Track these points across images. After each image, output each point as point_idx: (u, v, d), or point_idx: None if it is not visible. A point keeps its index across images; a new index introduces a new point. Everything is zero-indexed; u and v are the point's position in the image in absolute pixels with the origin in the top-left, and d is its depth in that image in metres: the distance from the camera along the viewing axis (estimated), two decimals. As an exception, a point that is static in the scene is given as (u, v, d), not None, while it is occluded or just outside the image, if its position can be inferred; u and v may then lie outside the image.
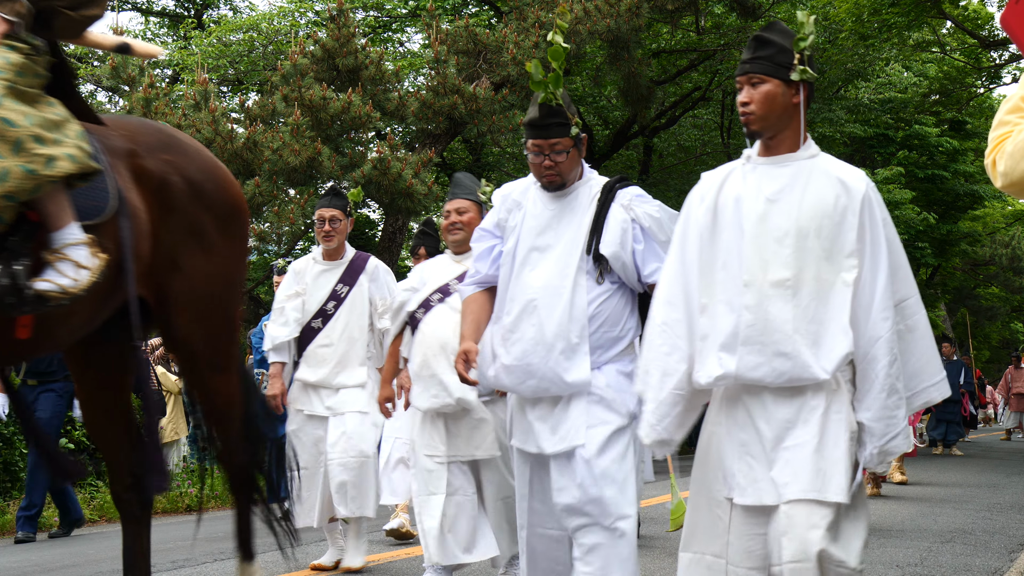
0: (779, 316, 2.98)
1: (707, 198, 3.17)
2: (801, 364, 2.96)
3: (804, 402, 2.99)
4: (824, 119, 18.99)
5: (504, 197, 3.88)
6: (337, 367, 5.82)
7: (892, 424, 2.99)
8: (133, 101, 11.89)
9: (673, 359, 3.14)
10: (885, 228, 3.04)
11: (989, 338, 37.60)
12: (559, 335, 3.59)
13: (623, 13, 13.76)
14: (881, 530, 7.43)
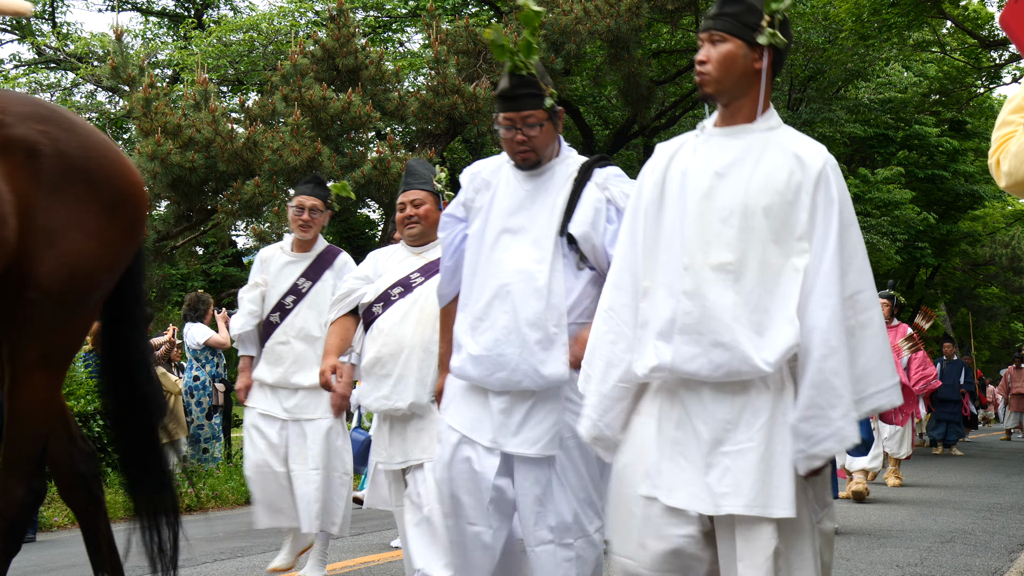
0: (719, 303, 2.67)
1: (656, 171, 2.86)
2: (740, 355, 2.64)
3: (748, 401, 2.68)
4: (824, 119, 19.00)
5: (472, 176, 3.62)
6: (294, 366, 5.38)
7: (821, 425, 2.64)
8: (133, 101, 11.89)
9: (618, 348, 2.83)
10: (841, 211, 2.69)
11: (989, 338, 37.60)
12: (535, 323, 3.32)
13: (623, 13, 13.76)
14: (881, 530, 7.43)
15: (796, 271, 2.67)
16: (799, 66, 19.01)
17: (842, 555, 6.25)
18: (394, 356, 4.38)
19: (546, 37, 13.51)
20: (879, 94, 21.46)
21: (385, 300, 4.48)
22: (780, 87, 19.78)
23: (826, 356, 2.62)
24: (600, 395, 2.86)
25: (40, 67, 23.03)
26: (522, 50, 3.35)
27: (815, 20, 18.61)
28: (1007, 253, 32.79)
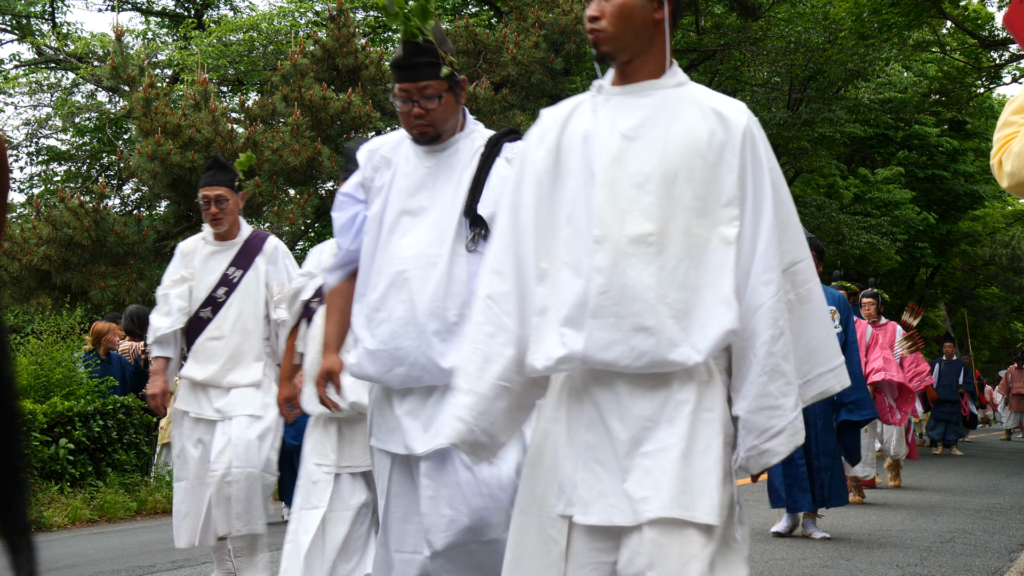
0: (639, 281, 2.32)
1: (548, 138, 2.49)
2: (667, 342, 2.30)
3: (669, 395, 2.34)
4: (824, 119, 19.00)
5: (370, 153, 3.28)
6: (229, 363, 5.00)
7: (775, 416, 2.35)
8: (133, 101, 11.89)
9: (498, 342, 2.46)
10: (771, 173, 2.40)
11: (989, 338, 37.60)
12: (433, 313, 3.05)
13: (623, 13, 13.74)
14: (881, 530, 7.43)
15: (726, 243, 2.35)
16: (799, 66, 19.00)
17: (842, 555, 6.25)
18: None
19: (546, 37, 13.52)
20: (879, 94, 21.46)
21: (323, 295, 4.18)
22: (780, 87, 19.79)
23: (775, 338, 2.34)
24: (476, 395, 2.47)
25: (40, 67, 23.03)
26: (416, 15, 3.06)
27: (815, 20, 18.62)
28: (1007, 253, 32.79)
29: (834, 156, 22.43)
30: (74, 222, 11.50)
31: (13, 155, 22.41)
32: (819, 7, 18.88)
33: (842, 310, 7.00)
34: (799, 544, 6.70)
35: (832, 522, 7.81)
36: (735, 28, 17.95)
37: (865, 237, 20.99)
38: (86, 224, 11.42)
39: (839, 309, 6.97)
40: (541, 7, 13.81)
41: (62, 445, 8.74)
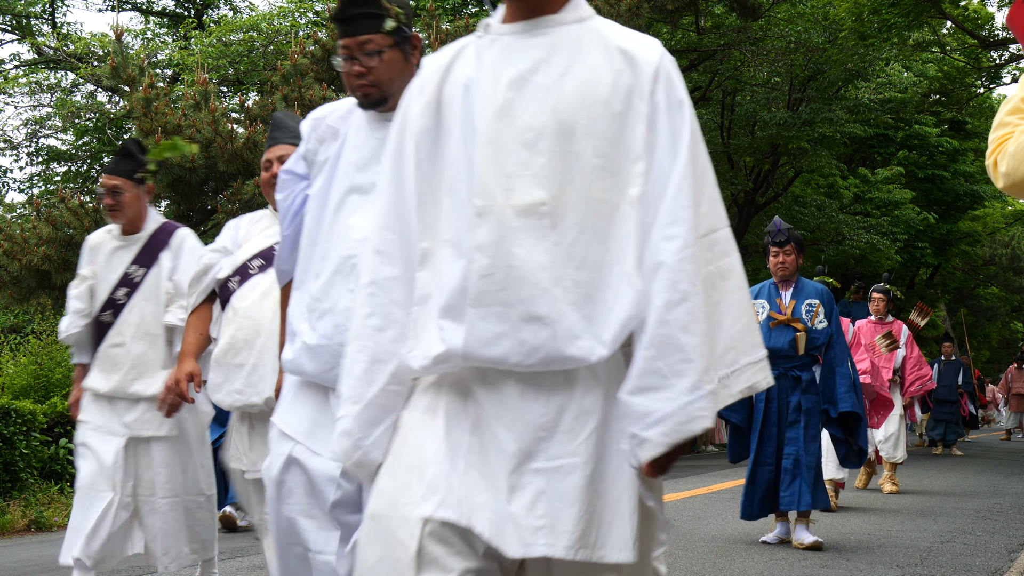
0: (530, 260, 1.92)
1: (428, 90, 2.09)
2: (564, 333, 1.91)
3: (570, 399, 1.95)
4: (824, 119, 19.00)
5: (315, 122, 2.92)
6: (132, 372, 4.50)
7: (660, 399, 1.90)
8: (133, 101, 11.89)
9: (387, 337, 2.06)
10: (688, 120, 1.99)
11: (989, 338, 37.62)
12: None
13: (623, 13, 13.75)
14: (881, 530, 7.43)
15: (631, 206, 1.95)
16: (799, 66, 19.01)
17: (842, 555, 6.25)
18: (249, 342, 3.82)
19: (546, 37, 13.51)
20: (879, 94, 21.47)
21: (243, 274, 3.86)
22: (780, 87, 19.79)
23: (672, 304, 1.90)
24: (364, 403, 2.07)
25: (40, 67, 23.03)
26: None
27: (815, 20, 18.62)
28: (1007, 253, 32.81)
29: (834, 156, 22.43)
30: (74, 222, 11.51)
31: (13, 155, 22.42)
32: (819, 7, 18.88)
33: (826, 304, 6.73)
34: (799, 544, 6.70)
35: (832, 522, 7.80)
36: (735, 28, 17.94)
37: (865, 237, 20.99)
38: (86, 224, 11.43)
39: (823, 303, 6.70)
40: (541, 7, 13.82)
41: (62, 445, 8.74)
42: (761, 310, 6.69)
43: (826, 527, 7.51)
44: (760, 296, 6.76)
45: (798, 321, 6.61)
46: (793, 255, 6.76)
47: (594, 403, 1.96)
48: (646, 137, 1.97)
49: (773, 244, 6.81)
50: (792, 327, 6.61)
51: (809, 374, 6.61)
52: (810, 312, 6.65)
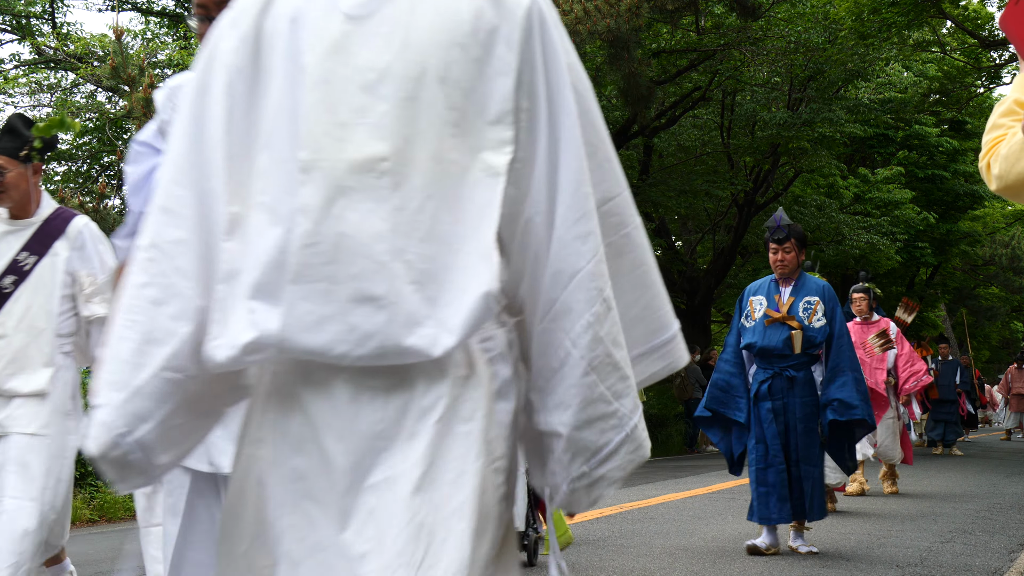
0: (365, 228, 1.55)
1: (243, 23, 1.69)
2: (404, 318, 1.54)
3: (411, 400, 1.58)
4: (824, 119, 19.01)
5: (171, 91, 2.64)
6: (10, 367, 4.14)
7: (611, 429, 1.65)
8: (133, 101, 11.89)
9: (166, 313, 1.65)
10: (572, 75, 1.67)
11: (989, 338, 37.65)
12: None
13: (623, 13, 13.76)
14: (881, 530, 7.43)
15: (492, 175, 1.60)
16: (799, 66, 19.01)
17: (842, 555, 6.25)
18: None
19: (546, 37, 13.52)
20: (879, 94, 21.48)
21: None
22: (780, 87, 19.80)
23: (601, 317, 1.62)
24: (130, 390, 1.64)
25: (40, 67, 23.03)
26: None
27: (815, 20, 18.63)
28: (1007, 253, 32.83)
29: (834, 156, 22.44)
30: (74, 222, 11.52)
31: (13, 155, 22.41)
32: (819, 7, 18.89)
33: (827, 301, 6.44)
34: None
35: (832, 522, 7.81)
36: (735, 28, 17.94)
37: (865, 237, 21.00)
38: (86, 224, 11.42)
39: (823, 300, 6.43)
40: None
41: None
42: (759, 306, 6.49)
43: (826, 527, 7.51)
44: (759, 292, 6.57)
45: (794, 319, 6.38)
46: (793, 252, 6.50)
47: (435, 398, 1.58)
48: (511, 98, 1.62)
49: (773, 240, 6.55)
50: (787, 325, 6.38)
51: (805, 374, 6.36)
52: (808, 310, 6.41)
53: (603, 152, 1.70)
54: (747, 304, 6.58)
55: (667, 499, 9.66)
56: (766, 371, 6.38)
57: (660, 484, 10.94)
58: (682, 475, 11.86)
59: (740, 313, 6.62)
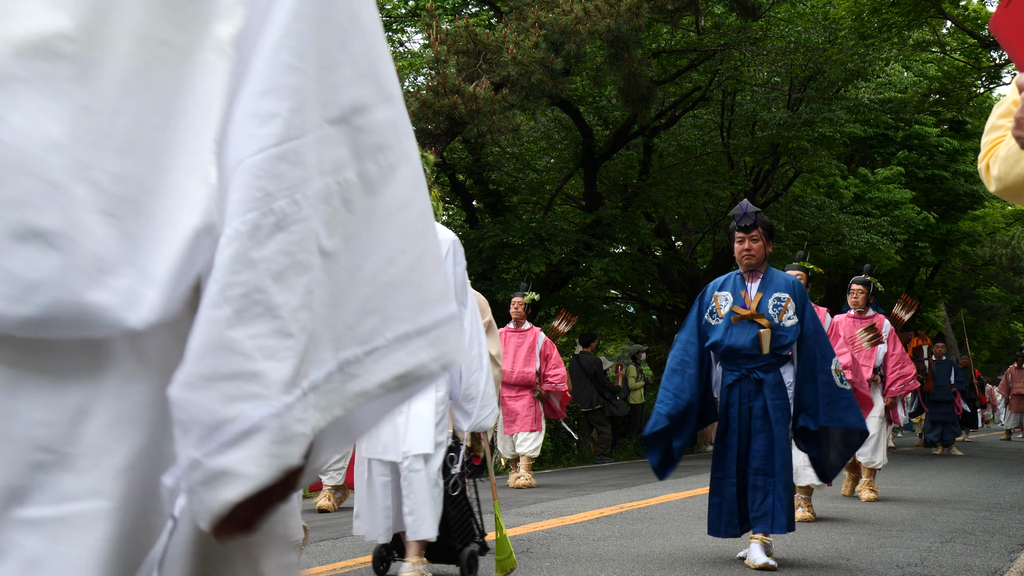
0: (33, 133, 1.07)
1: None
2: (87, 263, 1.07)
3: (97, 393, 1.10)
4: (824, 119, 19.01)
5: None
6: None
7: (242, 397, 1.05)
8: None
9: None
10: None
11: (989, 338, 37.65)
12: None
13: (623, 13, 13.76)
14: (881, 530, 7.42)
15: (219, 54, 1.14)
16: (799, 66, 19.02)
17: (842, 555, 6.25)
18: None
19: (546, 37, 13.52)
20: (879, 94, 21.48)
21: None
22: (780, 87, 19.81)
23: (260, 233, 1.09)
24: None
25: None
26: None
27: (815, 20, 18.63)
28: (1007, 253, 32.82)
29: (834, 156, 22.43)
30: (74, 222, 11.53)
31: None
32: (819, 7, 18.89)
33: (797, 297, 5.94)
34: (799, 544, 6.70)
35: (832, 523, 7.81)
36: (735, 28, 17.94)
37: (865, 237, 21.00)
38: (86, 224, 11.44)
39: (793, 297, 5.93)
40: (541, 7, 13.81)
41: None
42: (724, 303, 6.01)
43: (826, 527, 7.52)
44: (725, 288, 6.08)
45: (763, 316, 5.89)
46: (761, 241, 5.97)
47: (139, 404, 1.11)
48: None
49: (738, 229, 6.01)
50: (756, 323, 5.91)
51: (774, 376, 5.90)
52: (778, 307, 5.92)
53: (360, 44, 1.19)
54: (711, 300, 6.08)
55: (667, 499, 9.66)
56: (732, 373, 5.95)
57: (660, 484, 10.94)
58: (682, 475, 11.87)
59: (703, 310, 6.09)
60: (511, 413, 11.37)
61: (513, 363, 11.26)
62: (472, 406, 4.90)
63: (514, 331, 11.44)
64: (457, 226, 22.12)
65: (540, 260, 17.89)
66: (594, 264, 18.29)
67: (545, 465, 15.32)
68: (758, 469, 5.80)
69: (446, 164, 18.54)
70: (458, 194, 20.54)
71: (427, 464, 4.84)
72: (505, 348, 11.14)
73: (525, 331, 11.45)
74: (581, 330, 20.43)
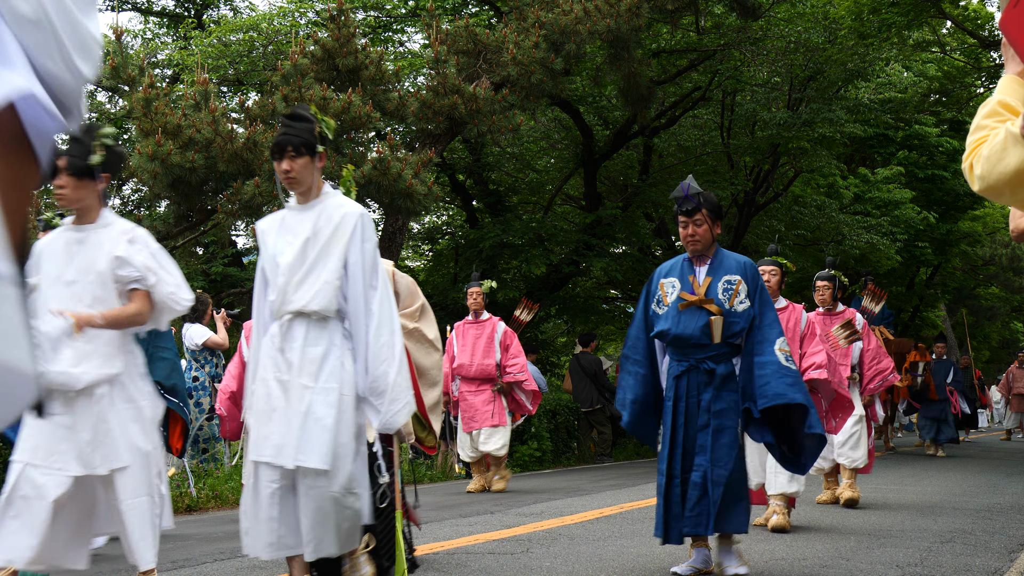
0: None
1: None
2: None
3: None
4: (824, 119, 19.01)
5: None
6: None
7: None
8: (133, 101, 11.89)
9: None
10: None
11: (989, 338, 37.66)
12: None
13: (623, 13, 13.76)
14: (881, 530, 7.43)
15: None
16: (799, 66, 19.02)
17: (842, 555, 6.25)
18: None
19: (546, 37, 13.52)
20: (879, 94, 21.49)
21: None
22: (780, 87, 19.81)
23: None
24: None
25: (40, 67, 23.04)
26: None
27: (815, 20, 18.63)
28: (1007, 253, 32.82)
29: (834, 156, 22.44)
30: (74, 222, 11.51)
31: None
32: (819, 7, 18.89)
33: (749, 280, 5.47)
34: (799, 544, 6.70)
35: (832, 522, 7.81)
36: (735, 28, 17.94)
37: (865, 237, 21.00)
38: (86, 224, 11.42)
39: (745, 279, 5.47)
40: (541, 7, 13.81)
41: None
42: (672, 290, 5.53)
43: (826, 527, 7.52)
44: (671, 274, 5.61)
45: (712, 302, 5.41)
46: (706, 225, 5.48)
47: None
48: None
49: (681, 213, 5.51)
50: (705, 309, 5.42)
51: (727, 367, 5.44)
52: (728, 291, 5.44)
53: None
54: (657, 287, 5.61)
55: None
56: (680, 363, 5.47)
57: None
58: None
59: (649, 298, 5.65)
60: (470, 409, 10.66)
61: (472, 355, 10.64)
62: (381, 401, 4.22)
63: (472, 322, 10.78)
64: (457, 226, 22.12)
65: (540, 260, 17.88)
66: (594, 264, 18.29)
67: (545, 465, 15.33)
68: (699, 465, 5.33)
69: (446, 164, 18.54)
70: (458, 194, 20.53)
71: (330, 480, 4.11)
72: (463, 340, 10.70)
73: (484, 321, 10.77)
74: (581, 330, 20.44)
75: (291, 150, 4.30)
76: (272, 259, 4.38)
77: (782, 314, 7.26)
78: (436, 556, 6.21)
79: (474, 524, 7.77)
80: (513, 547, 6.57)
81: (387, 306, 4.29)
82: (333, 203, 4.37)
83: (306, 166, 4.34)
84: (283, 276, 4.30)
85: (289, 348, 4.25)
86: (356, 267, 4.28)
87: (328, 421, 4.12)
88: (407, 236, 19.98)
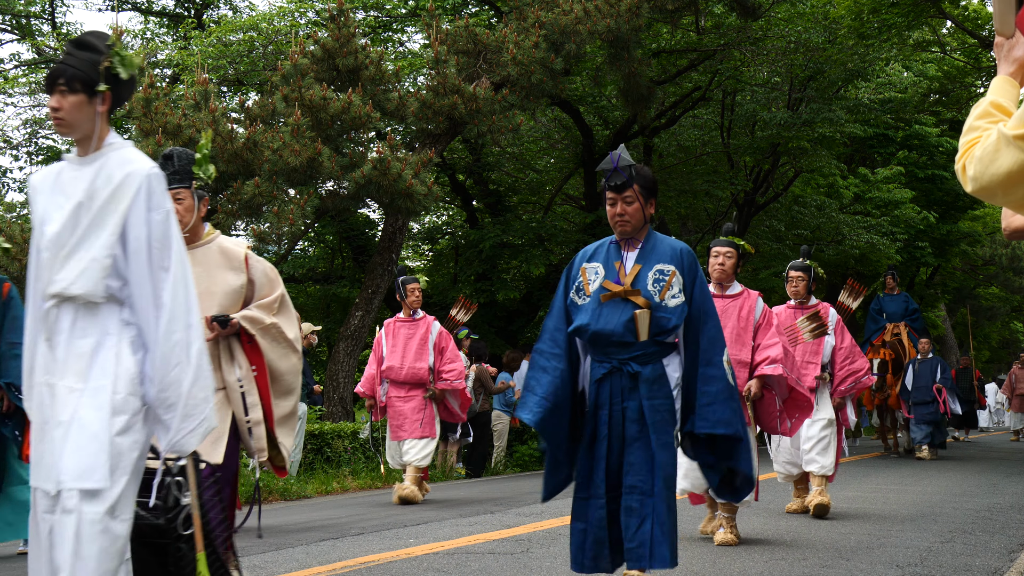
0: None
1: None
2: None
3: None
4: (824, 119, 19.02)
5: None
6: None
7: None
8: (133, 101, 11.89)
9: None
10: None
11: (989, 338, 37.67)
12: None
13: (623, 13, 13.76)
14: (881, 530, 7.42)
15: None
16: (799, 66, 19.02)
17: (842, 555, 6.25)
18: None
19: (546, 37, 13.52)
20: (879, 94, 21.50)
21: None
22: (780, 87, 19.81)
23: None
24: None
25: (40, 67, 23.02)
26: None
27: (815, 20, 18.64)
28: (1007, 253, 32.84)
29: (834, 156, 22.44)
30: (74, 222, 11.51)
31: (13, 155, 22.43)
32: (819, 7, 18.89)
33: (686, 270, 4.65)
34: (799, 544, 6.70)
35: (832, 522, 7.80)
36: (735, 28, 17.95)
37: (865, 237, 21.01)
38: (86, 224, 11.41)
39: (681, 269, 4.64)
40: (541, 7, 13.81)
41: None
42: (594, 277, 4.69)
43: (826, 527, 7.51)
44: (595, 258, 4.76)
45: (639, 294, 4.58)
46: (637, 203, 4.65)
47: None
48: None
49: (609, 188, 4.68)
50: (631, 302, 4.58)
51: (654, 369, 4.59)
52: (660, 282, 4.61)
53: None
54: (579, 273, 4.75)
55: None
56: (602, 365, 4.63)
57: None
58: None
59: (568, 285, 4.77)
60: (398, 416, 9.61)
61: (403, 358, 9.56)
62: (171, 416, 3.30)
63: (404, 321, 9.68)
64: (457, 226, 22.13)
65: (540, 260, 17.89)
66: (594, 264, 18.27)
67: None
68: (633, 487, 4.51)
69: (446, 164, 18.55)
70: (458, 194, 20.54)
71: (94, 500, 3.19)
72: (393, 340, 9.65)
73: (417, 320, 9.66)
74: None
75: (62, 83, 3.33)
76: (40, 227, 3.40)
77: (735, 301, 6.82)
78: (436, 556, 6.21)
79: (474, 524, 7.77)
80: (513, 547, 6.57)
81: (182, 295, 3.34)
82: (117, 158, 3.38)
83: (80, 106, 3.34)
84: (47, 250, 3.35)
85: (56, 342, 3.34)
86: (139, 242, 3.31)
87: (95, 427, 3.23)
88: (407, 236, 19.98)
